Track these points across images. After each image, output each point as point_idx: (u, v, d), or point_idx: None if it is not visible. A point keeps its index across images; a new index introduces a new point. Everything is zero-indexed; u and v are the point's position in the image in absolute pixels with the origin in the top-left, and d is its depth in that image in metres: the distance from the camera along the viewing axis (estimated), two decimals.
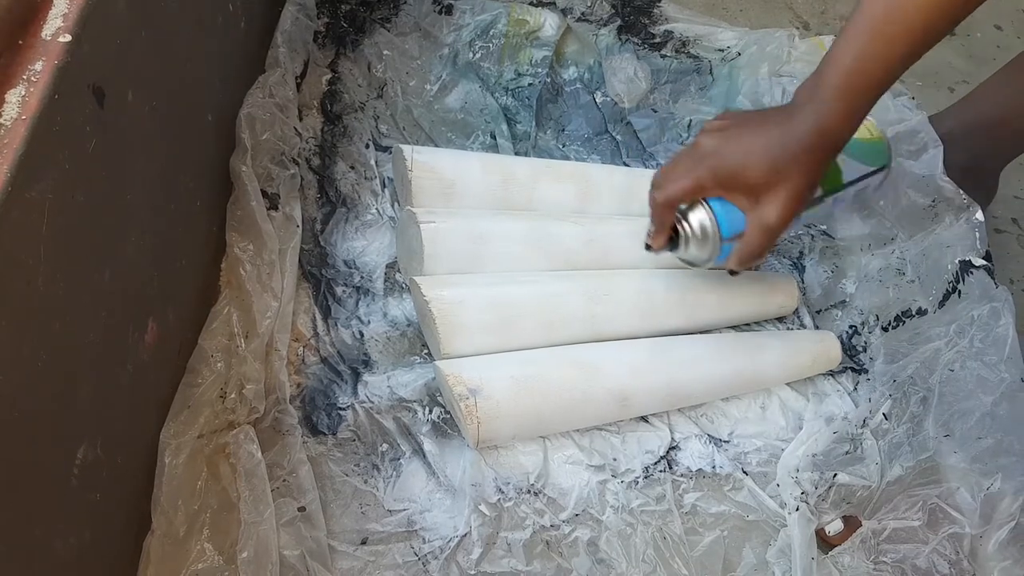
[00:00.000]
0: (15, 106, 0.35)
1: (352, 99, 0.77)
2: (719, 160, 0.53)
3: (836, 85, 0.50)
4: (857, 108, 0.51)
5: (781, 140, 0.51)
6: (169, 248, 0.54)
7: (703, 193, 0.55)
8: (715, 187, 0.54)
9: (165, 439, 0.52)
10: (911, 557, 0.56)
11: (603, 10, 0.87)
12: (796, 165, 0.51)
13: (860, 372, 0.68)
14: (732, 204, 0.54)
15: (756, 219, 0.53)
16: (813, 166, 0.51)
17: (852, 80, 0.50)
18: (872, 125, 0.66)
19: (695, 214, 0.56)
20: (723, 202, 0.55)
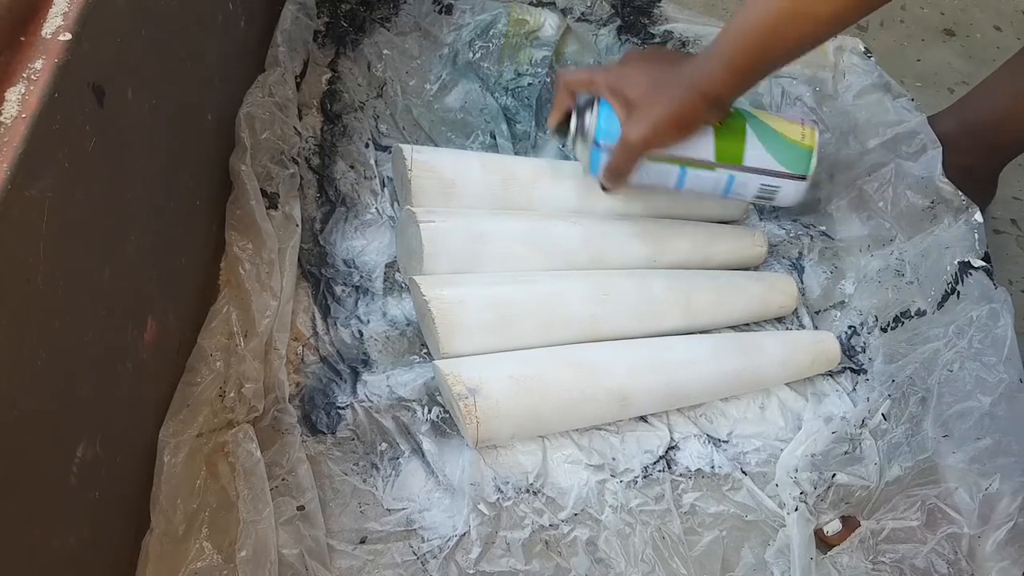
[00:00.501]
0: (15, 104, 0.35)
1: (352, 98, 0.77)
2: (618, 70, 0.59)
3: (723, 45, 0.54)
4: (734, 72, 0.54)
5: (666, 72, 0.57)
6: (168, 247, 0.54)
7: (593, 88, 0.60)
8: (603, 87, 0.59)
9: (164, 438, 0.52)
10: (909, 557, 0.56)
11: (603, 10, 0.87)
12: (666, 94, 0.56)
13: (859, 372, 0.69)
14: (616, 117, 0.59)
15: (622, 132, 0.58)
16: (679, 105, 0.56)
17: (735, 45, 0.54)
18: (811, 133, 0.63)
19: (586, 112, 0.61)
20: (610, 112, 0.59)
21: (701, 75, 0.55)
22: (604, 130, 0.59)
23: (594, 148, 0.60)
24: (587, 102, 0.61)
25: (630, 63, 0.60)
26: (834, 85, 0.78)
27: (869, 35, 1.04)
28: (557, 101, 0.63)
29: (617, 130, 0.59)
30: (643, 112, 0.57)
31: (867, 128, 0.75)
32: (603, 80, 0.59)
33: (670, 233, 0.71)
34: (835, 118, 0.77)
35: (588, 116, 0.61)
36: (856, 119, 0.76)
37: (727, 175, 0.62)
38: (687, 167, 0.62)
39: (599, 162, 0.60)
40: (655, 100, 0.56)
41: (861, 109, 0.76)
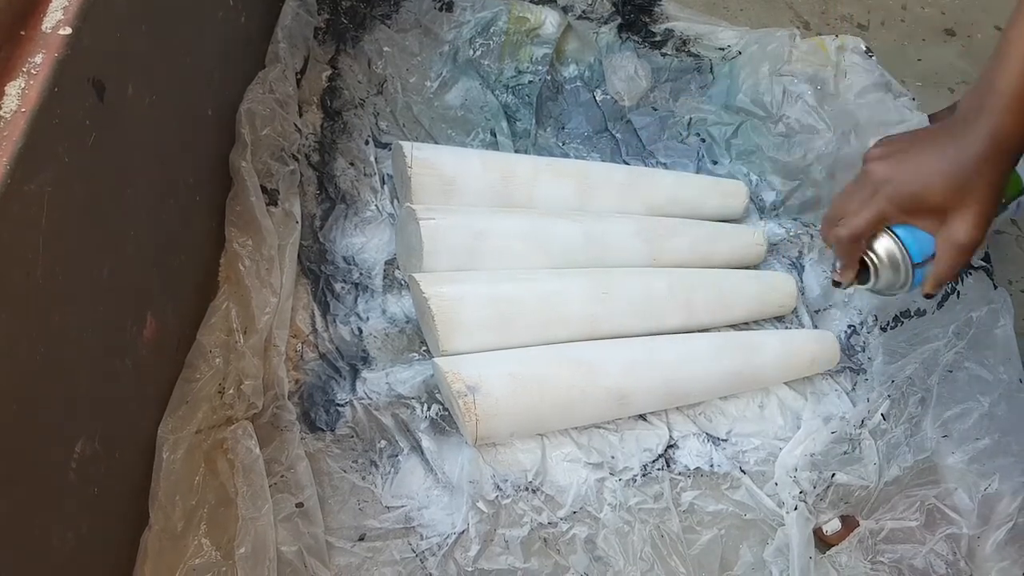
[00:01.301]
0: (15, 98, 0.34)
1: (352, 95, 0.77)
2: (896, 187, 0.52)
3: (1009, 92, 0.49)
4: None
5: (957, 156, 0.50)
6: (168, 243, 0.54)
7: (886, 222, 0.53)
8: (898, 214, 0.53)
9: (163, 434, 0.52)
10: (908, 557, 0.56)
11: (604, 8, 0.87)
12: (978, 179, 0.50)
13: (858, 372, 0.69)
14: (916, 227, 0.53)
15: (947, 240, 0.51)
16: (995, 177, 0.50)
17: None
18: None
19: (881, 243, 0.54)
20: (910, 230, 0.53)
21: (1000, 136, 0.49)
22: (916, 249, 0.53)
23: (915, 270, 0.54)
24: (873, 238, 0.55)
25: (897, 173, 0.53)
26: (835, 84, 0.78)
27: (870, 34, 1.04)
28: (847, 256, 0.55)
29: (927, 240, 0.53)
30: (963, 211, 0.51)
31: (868, 127, 0.75)
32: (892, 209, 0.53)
33: (670, 232, 0.71)
34: (836, 117, 0.77)
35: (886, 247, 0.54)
36: (857, 118, 0.76)
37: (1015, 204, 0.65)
38: None
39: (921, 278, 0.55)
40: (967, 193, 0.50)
41: (862, 108, 0.76)
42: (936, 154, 0.51)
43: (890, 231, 0.54)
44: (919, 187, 0.51)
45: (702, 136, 0.82)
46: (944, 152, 0.51)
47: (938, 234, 0.52)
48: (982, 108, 0.50)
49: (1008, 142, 0.50)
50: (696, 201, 0.75)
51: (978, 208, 0.50)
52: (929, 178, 0.51)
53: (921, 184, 0.51)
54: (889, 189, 0.52)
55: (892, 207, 0.52)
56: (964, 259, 0.52)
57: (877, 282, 0.56)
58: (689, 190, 0.75)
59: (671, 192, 0.74)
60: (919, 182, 0.51)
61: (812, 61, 0.79)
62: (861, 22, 1.05)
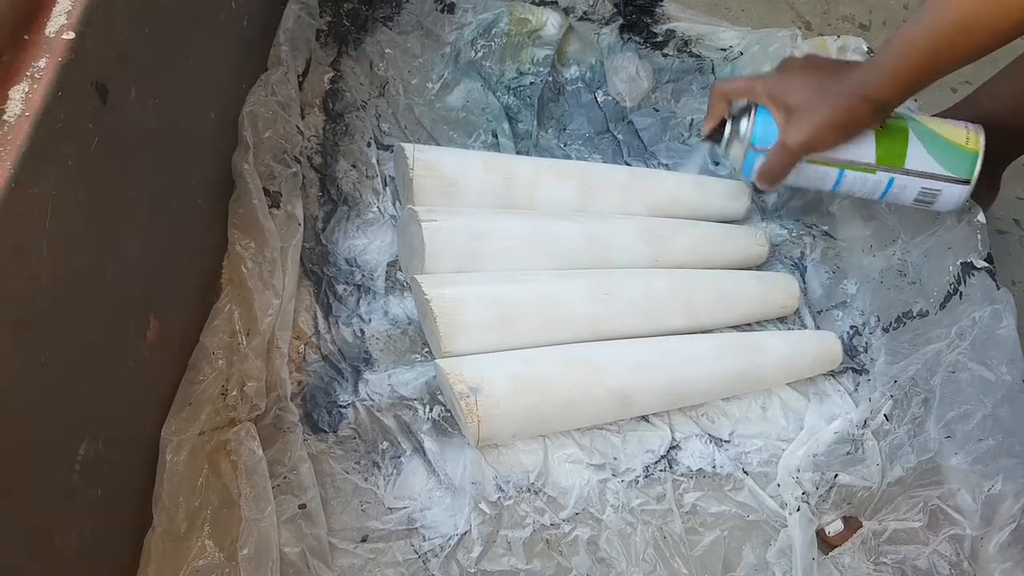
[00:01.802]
0: (19, 102, 0.35)
1: (354, 97, 0.77)
2: (777, 78, 0.61)
3: (890, 52, 0.55)
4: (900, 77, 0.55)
5: (828, 79, 0.58)
6: (171, 245, 0.54)
7: (752, 95, 0.62)
8: (763, 94, 0.61)
9: (166, 436, 0.53)
10: (911, 558, 0.56)
11: (605, 9, 0.87)
12: (828, 101, 0.58)
13: (861, 373, 0.68)
14: (773, 121, 0.61)
15: (781, 136, 0.60)
16: (842, 110, 0.57)
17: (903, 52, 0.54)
18: (976, 138, 0.63)
19: (742, 116, 0.63)
20: (767, 117, 0.61)
21: (866, 82, 0.56)
22: (760, 135, 0.62)
23: (750, 152, 0.62)
24: (743, 108, 0.63)
25: (790, 71, 0.61)
26: None
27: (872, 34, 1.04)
28: (713, 109, 0.65)
29: (773, 135, 0.61)
30: (805, 116, 0.59)
31: None
32: (763, 88, 0.61)
33: (672, 232, 0.71)
34: None
35: (744, 121, 0.63)
36: None
37: (887, 178, 0.63)
38: (846, 169, 0.63)
39: (753, 165, 0.63)
40: (818, 106, 0.58)
41: None
42: (819, 73, 0.59)
43: (754, 111, 0.62)
44: (789, 85, 0.60)
45: None
46: (823, 73, 0.59)
47: (781, 129, 0.60)
48: (876, 60, 0.57)
49: (870, 89, 0.57)
50: (698, 202, 0.75)
51: (814, 121, 0.58)
52: (800, 83, 0.59)
53: (792, 84, 0.60)
54: (772, 77, 0.62)
55: (763, 87, 0.61)
56: (783, 159, 0.61)
57: (726, 148, 0.65)
58: (691, 191, 0.75)
59: (673, 193, 0.74)
60: (793, 83, 0.60)
61: None
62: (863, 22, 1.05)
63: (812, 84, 0.59)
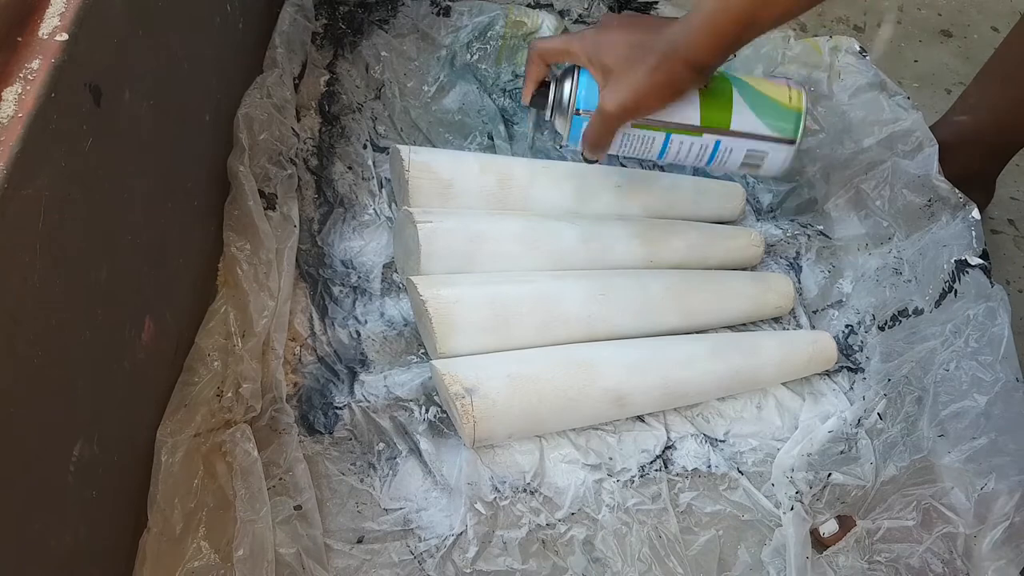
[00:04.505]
0: (11, 104, 0.35)
1: (350, 100, 0.78)
2: (595, 37, 0.57)
3: (707, 11, 0.52)
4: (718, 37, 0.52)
5: (646, 38, 0.54)
6: (166, 247, 0.54)
7: (570, 56, 0.58)
8: (580, 54, 0.57)
9: (162, 437, 0.53)
10: (905, 556, 0.56)
11: (600, 12, 0.87)
12: (647, 60, 0.54)
13: (856, 372, 0.69)
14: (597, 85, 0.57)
15: (600, 99, 0.56)
16: (660, 72, 0.54)
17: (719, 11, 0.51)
18: (798, 96, 0.61)
19: (565, 79, 0.59)
20: (591, 81, 0.57)
21: (685, 40, 0.53)
22: (585, 98, 0.58)
23: (575, 117, 0.58)
24: (565, 71, 0.60)
25: (608, 29, 0.57)
26: (829, 85, 0.78)
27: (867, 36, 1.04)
28: (530, 72, 0.61)
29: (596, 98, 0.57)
30: (622, 79, 0.55)
31: (863, 127, 0.75)
32: (580, 47, 0.58)
33: (667, 233, 0.71)
34: (830, 118, 0.77)
35: (567, 85, 0.59)
36: (851, 118, 0.76)
37: (713, 140, 0.60)
38: (671, 133, 0.60)
39: (579, 131, 0.59)
40: (635, 66, 0.54)
41: (856, 108, 0.76)
42: (638, 29, 0.55)
43: (577, 74, 0.59)
44: (605, 43, 0.56)
45: None
46: (644, 31, 0.55)
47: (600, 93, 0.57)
48: (693, 17, 0.53)
49: (688, 51, 0.53)
50: (693, 203, 0.75)
51: (629, 83, 0.54)
52: (616, 40, 0.55)
53: (609, 42, 0.56)
54: (590, 34, 0.57)
55: (580, 47, 0.57)
56: (604, 125, 0.57)
57: (551, 115, 0.61)
58: (686, 192, 0.75)
59: (668, 194, 0.75)
60: (609, 40, 0.56)
61: (806, 62, 0.79)
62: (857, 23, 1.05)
63: (629, 42, 0.55)
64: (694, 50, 0.53)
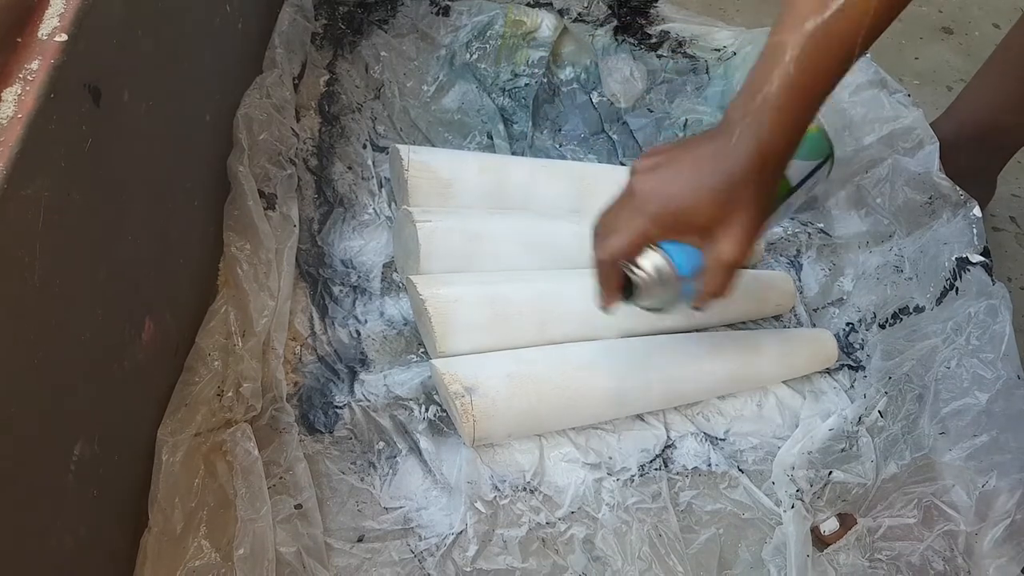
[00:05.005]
0: (11, 104, 0.35)
1: (350, 100, 0.78)
2: (660, 206, 0.49)
3: (774, 100, 0.46)
4: (798, 121, 0.47)
5: (722, 171, 0.47)
6: (166, 247, 0.54)
7: (647, 241, 0.51)
8: (662, 234, 0.50)
9: (162, 437, 0.53)
10: (906, 554, 0.56)
11: (600, 11, 0.87)
12: (744, 194, 0.48)
13: (857, 370, 0.69)
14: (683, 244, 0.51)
15: (714, 257, 0.49)
16: (761, 191, 0.48)
17: (792, 93, 0.46)
18: None
19: (646, 259, 0.51)
20: (677, 245, 0.51)
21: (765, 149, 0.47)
22: (684, 263, 0.51)
23: (684, 285, 0.52)
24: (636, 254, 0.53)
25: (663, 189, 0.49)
26: None
27: None
28: (605, 279, 0.53)
29: (695, 253, 0.51)
30: (729, 227, 0.48)
31: (863, 124, 0.75)
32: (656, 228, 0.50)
33: None
34: (831, 115, 0.77)
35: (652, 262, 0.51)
36: (852, 116, 0.76)
37: (786, 205, 0.59)
38: None
39: (691, 293, 0.53)
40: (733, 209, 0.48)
41: (857, 105, 0.76)
42: (701, 169, 0.48)
43: (656, 245, 0.51)
44: (683, 206, 0.48)
45: None
46: (710, 166, 0.48)
47: (705, 250, 0.50)
48: (746, 116, 0.47)
49: (773, 154, 0.47)
50: None
51: (743, 225, 0.48)
52: (693, 196, 0.48)
53: (685, 203, 0.48)
54: (653, 208, 0.49)
55: (655, 227, 0.50)
56: (731, 276, 0.50)
57: (644, 299, 0.54)
58: None
59: None
60: (683, 200, 0.48)
61: None
62: None
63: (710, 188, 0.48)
64: (779, 150, 0.48)
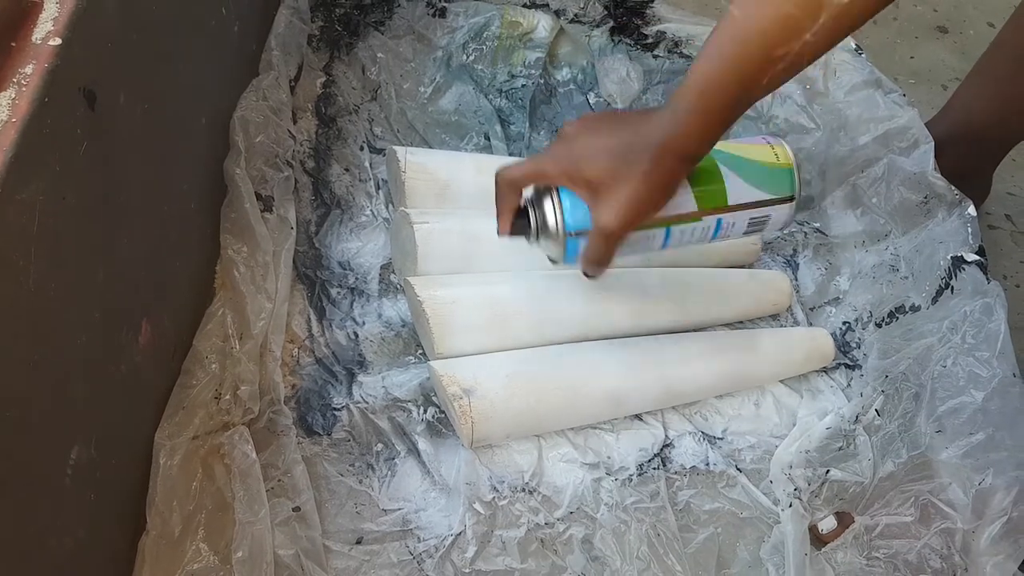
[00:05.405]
0: (5, 109, 0.35)
1: (346, 101, 0.78)
2: (566, 151, 0.51)
3: (693, 97, 0.47)
4: (712, 124, 0.47)
5: (628, 141, 0.48)
6: (163, 250, 0.54)
7: (545, 179, 0.52)
8: (558, 175, 0.51)
9: (160, 440, 0.53)
10: (903, 552, 0.56)
11: (596, 11, 0.88)
12: (636, 168, 0.48)
13: (854, 368, 0.69)
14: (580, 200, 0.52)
15: (594, 220, 0.50)
16: (656, 175, 0.48)
17: (709, 95, 0.46)
18: (784, 151, 0.58)
19: (543, 202, 0.53)
20: (574, 196, 0.52)
21: (674, 134, 0.48)
22: (573, 218, 0.53)
23: (568, 240, 0.53)
24: (540, 193, 0.54)
25: (578, 140, 0.51)
26: (825, 82, 0.78)
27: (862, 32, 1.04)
28: (502, 203, 0.54)
29: (586, 214, 0.52)
30: (615, 192, 0.49)
31: (858, 124, 0.75)
32: (554, 168, 0.51)
33: None
34: (826, 115, 0.77)
35: (549, 208, 0.53)
36: (847, 116, 0.76)
37: (714, 220, 0.57)
38: (671, 226, 0.56)
39: (575, 252, 0.54)
40: (625, 175, 0.49)
41: (852, 105, 0.76)
42: (615, 133, 0.49)
43: (556, 193, 0.53)
44: (583, 156, 0.50)
45: None
46: (621, 133, 0.49)
47: (591, 211, 0.51)
48: (670, 106, 0.48)
49: (679, 146, 0.48)
50: None
51: (626, 196, 0.49)
52: (595, 151, 0.49)
53: (586, 155, 0.50)
54: (559, 150, 0.51)
55: (554, 167, 0.51)
56: (607, 243, 0.51)
57: (537, 241, 0.55)
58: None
59: None
60: (583, 151, 0.50)
61: None
62: None
63: (610, 149, 0.49)
64: (686, 142, 0.48)
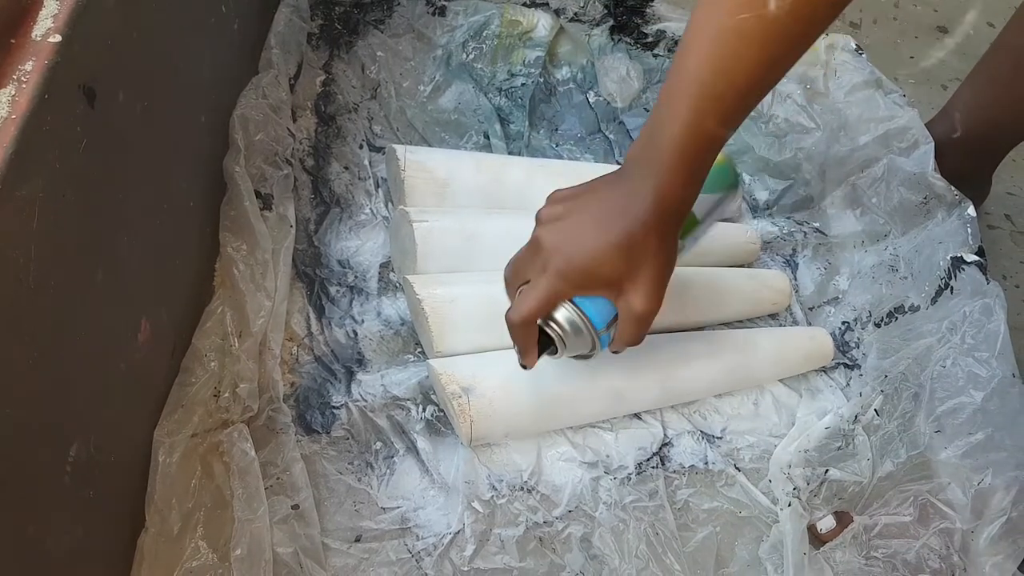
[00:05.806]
0: (5, 106, 0.35)
1: (346, 100, 0.78)
2: (567, 263, 0.49)
3: (671, 149, 0.45)
4: (696, 170, 0.47)
5: (626, 230, 0.47)
6: (162, 248, 0.54)
7: (561, 300, 0.51)
8: (571, 291, 0.50)
9: (159, 438, 0.53)
10: (902, 552, 0.57)
11: (596, 10, 0.87)
12: (647, 247, 0.47)
13: (853, 368, 0.69)
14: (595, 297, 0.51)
15: (625, 310, 0.50)
16: (664, 240, 0.48)
17: (687, 142, 0.45)
18: None
19: (560, 315, 0.51)
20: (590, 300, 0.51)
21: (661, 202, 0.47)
22: (597, 316, 0.52)
23: (602, 337, 0.53)
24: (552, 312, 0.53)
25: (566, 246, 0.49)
26: (825, 83, 0.78)
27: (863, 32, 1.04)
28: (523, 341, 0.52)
29: (606, 307, 0.51)
30: (637, 281, 0.48)
31: (858, 124, 0.75)
32: (564, 287, 0.50)
33: None
34: (826, 115, 0.77)
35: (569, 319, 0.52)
36: (847, 116, 0.76)
37: (692, 240, 0.59)
38: None
39: (608, 341, 0.54)
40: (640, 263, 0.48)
41: (852, 105, 0.76)
42: (604, 224, 0.48)
43: (571, 303, 0.51)
44: (589, 264, 0.48)
45: None
46: (611, 222, 0.48)
47: (617, 303, 0.50)
48: (647, 167, 0.47)
49: (674, 206, 0.48)
50: None
51: (650, 278, 0.48)
52: (597, 254, 0.48)
53: (590, 261, 0.48)
54: (560, 264, 0.49)
55: (565, 284, 0.49)
56: (645, 326, 0.51)
57: (564, 351, 0.54)
58: None
59: None
60: (588, 258, 0.48)
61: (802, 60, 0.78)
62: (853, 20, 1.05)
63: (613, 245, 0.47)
64: (679, 206, 0.48)
